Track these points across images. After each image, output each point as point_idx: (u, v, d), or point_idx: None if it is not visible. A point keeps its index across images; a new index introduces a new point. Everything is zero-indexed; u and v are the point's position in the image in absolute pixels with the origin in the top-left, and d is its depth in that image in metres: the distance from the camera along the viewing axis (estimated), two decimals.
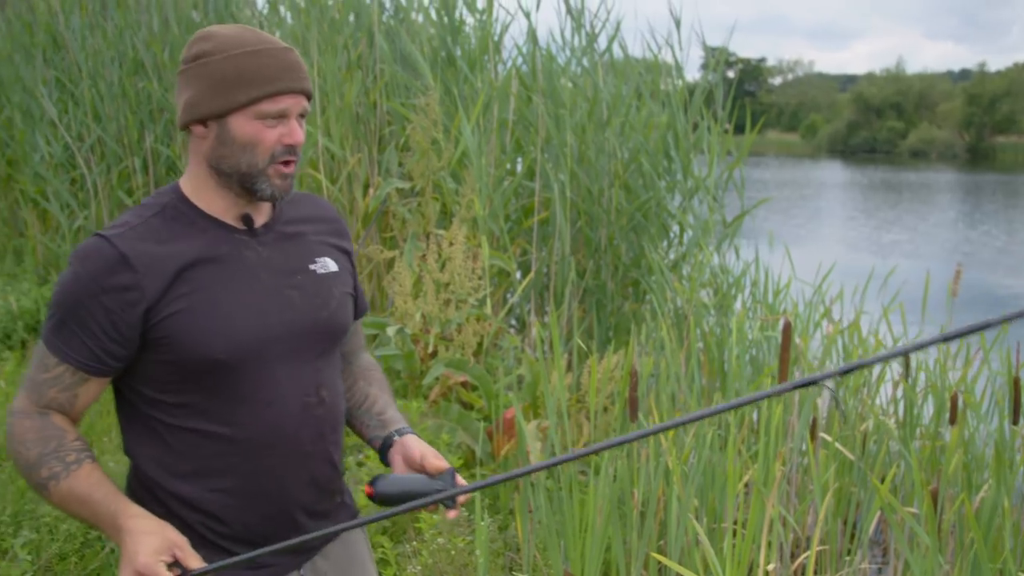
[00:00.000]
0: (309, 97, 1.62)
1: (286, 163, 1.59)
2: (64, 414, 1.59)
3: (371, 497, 1.62)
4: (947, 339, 1.45)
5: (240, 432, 1.60)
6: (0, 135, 8.02)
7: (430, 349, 4.43)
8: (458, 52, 5.99)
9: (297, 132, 1.59)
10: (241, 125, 1.56)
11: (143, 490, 1.64)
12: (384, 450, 1.76)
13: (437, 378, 4.29)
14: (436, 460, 1.66)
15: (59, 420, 1.58)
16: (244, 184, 1.59)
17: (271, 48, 1.58)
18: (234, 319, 1.57)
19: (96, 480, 1.55)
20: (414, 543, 3.28)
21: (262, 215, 1.66)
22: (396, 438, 1.74)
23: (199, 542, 1.59)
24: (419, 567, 3.12)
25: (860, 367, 1.55)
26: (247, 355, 1.57)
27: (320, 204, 1.81)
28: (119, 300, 1.52)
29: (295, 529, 1.67)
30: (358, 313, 1.83)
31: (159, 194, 1.63)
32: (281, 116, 1.57)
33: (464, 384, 4.44)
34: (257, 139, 1.56)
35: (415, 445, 1.70)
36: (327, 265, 1.71)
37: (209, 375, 1.57)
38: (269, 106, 1.56)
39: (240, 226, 1.63)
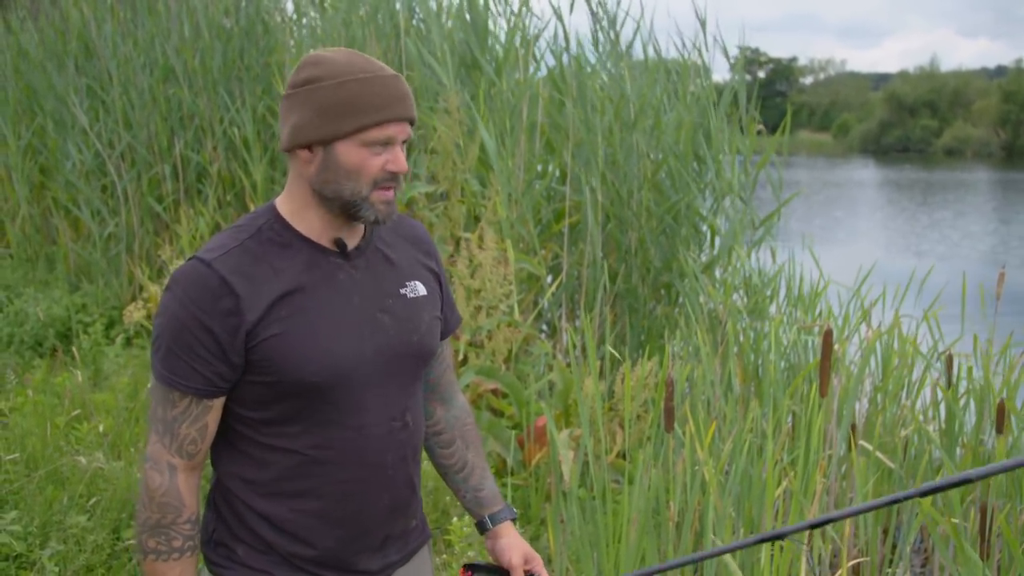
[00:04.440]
0: (413, 124, 1.63)
1: (387, 188, 1.60)
2: (193, 457, 1.60)
3: None
4: (924, 493, 1.45)
5: (327, 454, 1.62)
6: (33, 143, 8.08)
7: (460, 356, 4.37)
8: (487, 56, 5.93)
9: (401, 160, 1.60)
10: (347, 152, 1.56)
11: (226, 507, 1.67)
12: (480, 530, 1.93)
13: (467, 385, 4.23)
14: (525, 566, 1.86)
15: (183, 483, 1.59)
16: (346, 210, 1.60)
17: (380, 76, 1.58)
18: (330, 342, 1.58)
19: None
20: (444, 555, 3.22)
21: (354, 238, 1.67)
22: (490, 527, 1.90)
23: (279, 561, 1.64)
24: None
25: (831, 521, 1.60)
26: (340, 378, 1.59)
27: (410, 224, 1.82)
28: (224, 324, 1.53)
29: (371, 551, 1.70)
30: (449, 330, 1.86)
31: (255, 215, 1.65)
32: (387, 144, 1.58)
33: (494, 391, 4.38)
34: (362, 166, 1.57)
35: (505, 550, 1.88)
36: (416, 289, 1.73)
37: (301, 396, 1.58)
38: (376, 134, 1.57)
39: (334, 249, 1.64)
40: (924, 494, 1.43)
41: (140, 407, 4.25)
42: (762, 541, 1.60)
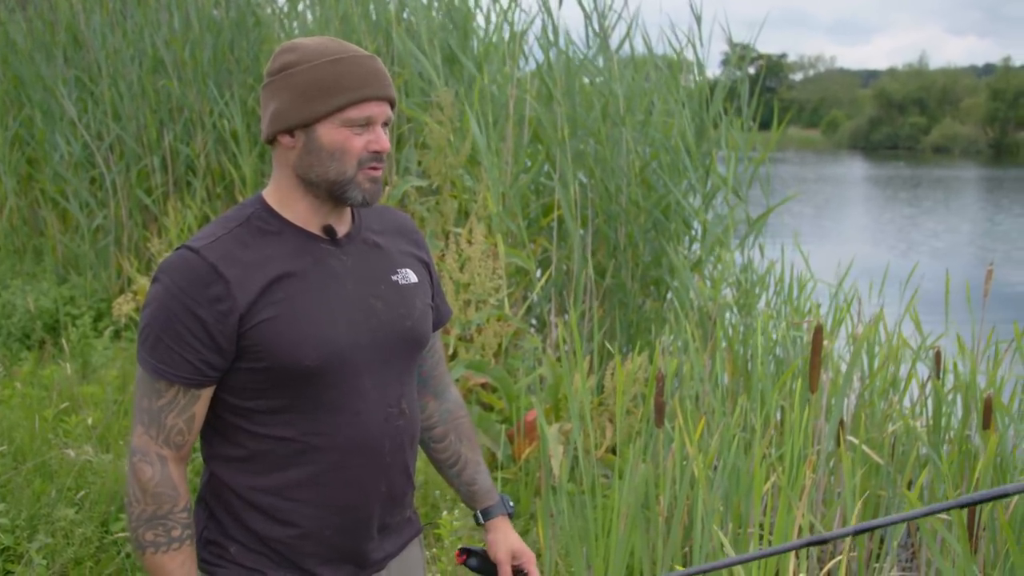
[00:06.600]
0: (393, 105, 1.62)
1: (374, 168, 1.60)
2: (180, 448, 1.58)
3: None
4: (962, 505, 1.45)
5: (324, 441, 1.60)
6: (20, 134, 8.03)
7: (450, 350, 4.37)
8: (472, 47, 5.92)
9: (383, 139, 1.60)
10: (328, 133, 1.56)
11: (219, 503, 1.65)
12: (476, 523, 1.94)
13: (457, 379, 4.23)
14: (513, 562, 1.88)
15: (175, 473, 1.58)
16: (333, 192, 1.59)
17: (355, 56, 1.58)
18: (324, 327, 1.57)
19: (186, 571, 1.59)
20: (434, 549, 3.23)
21: (343, 225, 1.66)
22: (482, 521, 1.92)
23: (273, 559, 1.63)
24: (438, 573, 3.08)
25: (874, 528, 1.61)
26: (336, 363, 1.58)
27: (397, 215, 1.81)
28: (213, 311, 1.52)
29: (367, 541, 1.69)
30: (441, 320, 1.85)
31: (243, 206, 1.64)
32: (367, 123, 1.58)
33: (484, 385, 4.38)
34: (344, 147, 1.57)
35: (492, 545, 1.89)
36: (408, 276, 1.72)
37: (296, 382, 1.57)
38: (355, 113, 1.56)
39: (323, 236, 1.64)
40: (962, 506, 1.45)
41: (129, 400, 4.24)
42: (807, 545, 1.60)
